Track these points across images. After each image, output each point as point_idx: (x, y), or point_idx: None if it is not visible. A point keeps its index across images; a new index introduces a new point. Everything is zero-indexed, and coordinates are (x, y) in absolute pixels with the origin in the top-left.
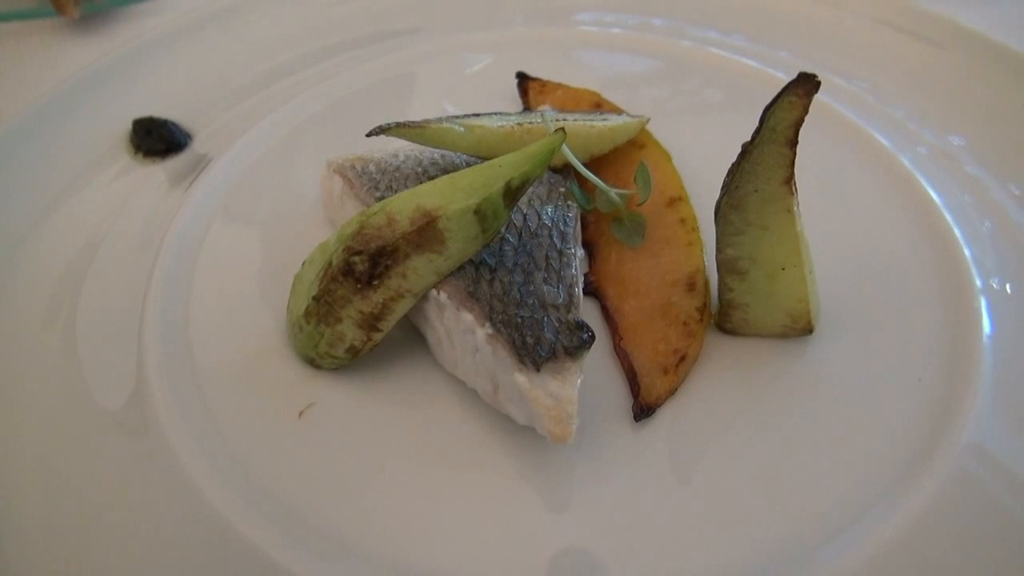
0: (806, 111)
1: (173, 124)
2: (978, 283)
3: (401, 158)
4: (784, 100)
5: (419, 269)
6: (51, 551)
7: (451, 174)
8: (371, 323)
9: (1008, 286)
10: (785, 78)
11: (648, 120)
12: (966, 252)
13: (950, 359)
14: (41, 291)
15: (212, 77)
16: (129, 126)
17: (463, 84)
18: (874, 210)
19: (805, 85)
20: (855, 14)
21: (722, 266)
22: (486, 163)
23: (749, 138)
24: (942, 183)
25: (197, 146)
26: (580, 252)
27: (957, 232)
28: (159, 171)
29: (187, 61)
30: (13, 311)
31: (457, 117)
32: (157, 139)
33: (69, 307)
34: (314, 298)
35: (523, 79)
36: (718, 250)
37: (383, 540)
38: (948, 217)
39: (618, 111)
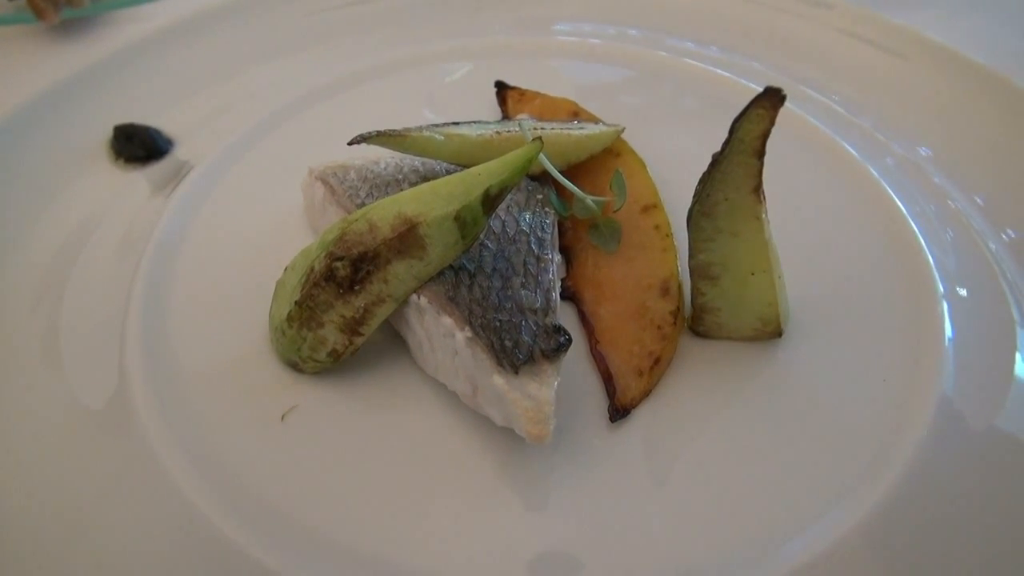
0: (772, 123)
1: (154, 130)
2: (940, 289)
3: (382, 165)
4: (751, 113)
5: (400, 274)
6: (32, 551)
7: (431, 182)
8: (353, 327)
9: (968, 292)
10: (756, 88)
11: (623, 129)
12: (929, 259)
13: (913, 361)
14: (22, 296)
15: (194, 83)
16: (110, 132)
17: (443, 92)
18: (842, 217)
19: (771, 98)
20: (826, 27)
21: (694, 271)
22: (466, 171)
23: (720, 147)
24: (908, 192)
25: (178, 153)
26: (557, 257)
27: (921, 240)
28: (140, 178)
29: (169, 67)
30: None
31: (437, 126)
32: (138, 145)
33: (51, 313)
34: (296, 303)
35: (502, 88)
36: (690, 256)
37: (365, 541)
38: (913, 225)
39: (595, 120)
